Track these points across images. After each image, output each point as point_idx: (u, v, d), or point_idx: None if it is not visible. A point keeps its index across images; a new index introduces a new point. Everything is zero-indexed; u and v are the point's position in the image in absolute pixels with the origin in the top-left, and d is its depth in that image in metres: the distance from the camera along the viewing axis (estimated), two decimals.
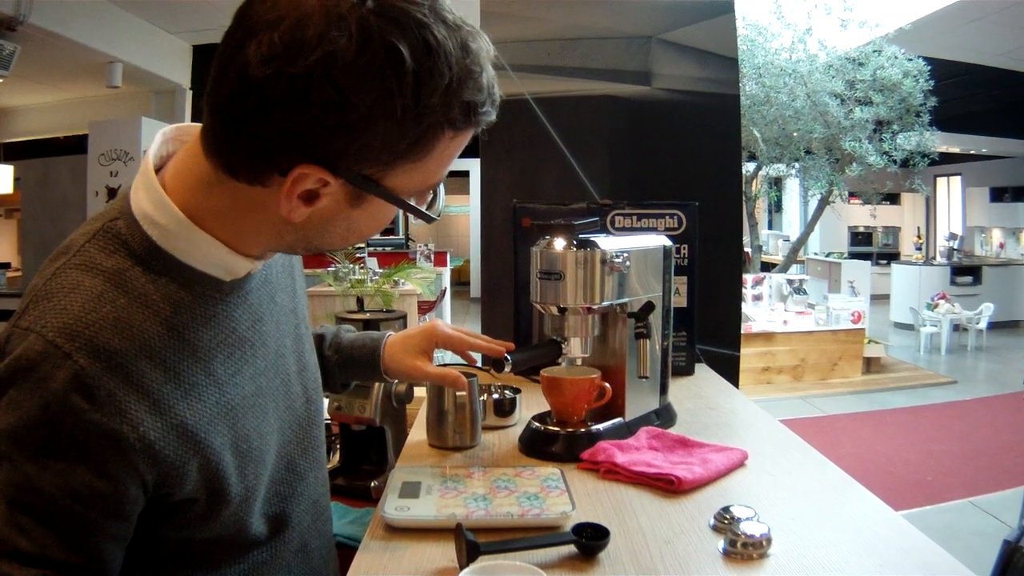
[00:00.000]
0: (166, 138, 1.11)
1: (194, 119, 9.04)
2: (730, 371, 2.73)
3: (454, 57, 0.91)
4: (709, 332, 2.72)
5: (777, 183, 14.98)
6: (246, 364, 1.14)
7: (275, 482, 1.22)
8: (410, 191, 1.01)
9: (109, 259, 1.02)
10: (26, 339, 0.95)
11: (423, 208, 1.05)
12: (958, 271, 14.82)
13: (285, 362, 1.26)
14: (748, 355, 9.30)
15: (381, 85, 0.87)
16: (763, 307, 10.90)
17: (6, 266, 13.02)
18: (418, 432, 1.90)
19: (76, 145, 10.54)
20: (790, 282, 11.26)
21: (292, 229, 1.03)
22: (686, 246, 2.41)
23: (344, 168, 0.94)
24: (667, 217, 2.42)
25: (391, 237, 16.10)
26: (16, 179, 11.98)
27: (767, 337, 10.04)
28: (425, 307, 9.79)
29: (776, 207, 19.39)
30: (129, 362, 0.97)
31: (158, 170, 1.07)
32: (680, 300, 2.41)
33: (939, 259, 16.13)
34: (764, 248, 16.03)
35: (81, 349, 0.94)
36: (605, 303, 1.73)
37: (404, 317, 2.15)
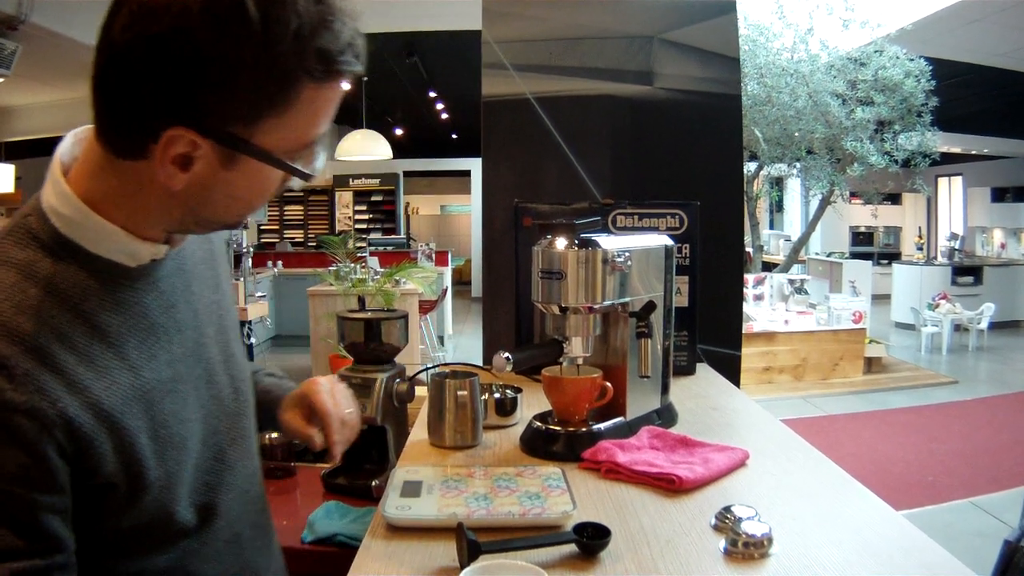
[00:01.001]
0: (77, 139, 1.13)
1: None
2: (731, 371, 2.73)
3: (301, 5, 0.93)
4: (710, 332, 2.71)
5: (778, 183, 14.96)
6: (161, 350, 1.14)
7: (202, 471, 1.21)
8: (284, 149, 1.01)
9: (21, 252, 1.04)
10: None
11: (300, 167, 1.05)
12: (959, 271, 14.83)
13: (207, 352, 1.25)
14: (749, 355, 9.30)
15: (229, 36, 0.90)
16: (764, 307, 10.90)
17: None
18: (419, 431, 1.90)
19: None
20: (791, 282, 11.26)
21: (177, 202, 1.04)
22: (687, 246, 2.41)
23: (210, 128, 0.95)
24: (668, 217, 2.42)
25: (393, 237, 16.10)
26: (18, 178, 12.01)
27: (768, 337, 10.05)
28: (426, 306, 9.79)
29: (777, 207, 19.39)
30: (43, 345, 0.99)
31: (69, 169, 1.09)
32: (681, 300, 2.41)
33: (940, 259, 16.13)
34: (765, 248, 16.05)
35: None
36: (606, 302, 1.73)
37: (405, 316, 2.14)
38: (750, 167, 11.99)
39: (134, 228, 1.07)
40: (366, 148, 12.08)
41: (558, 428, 1.75)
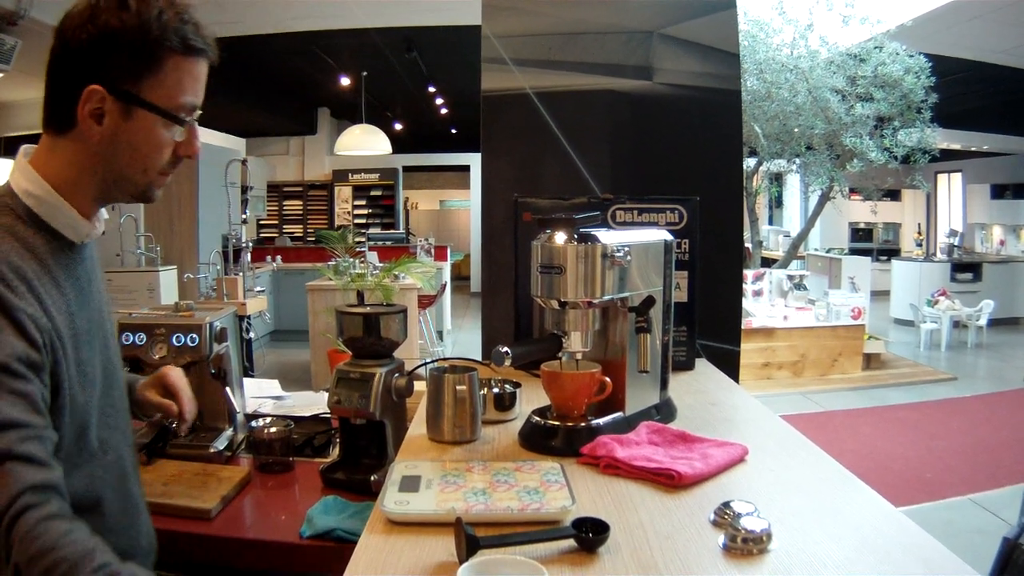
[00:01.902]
0: (27, 149, 1.48)
1: None
2: (730, 366, 2.73)
3: (163, 2, 1.37)
4: (709, 327, 2.72)
5: (778, 179, 14.95)
6: (83, 308, 1.46)
7: (102, 412, 1.48)
8: (163, 107, 1.40)
9: (3, 218, 1.38)
10: None
11: (179, 132, 1.44)
12: (958, 268, 14.83)
13: (105, 324, 1.57)
14: (748, 350, 9.30)
15: (118, 19, 1.33)
16: (763, 303, 10.90)
17: None
18: (418, 426, 1.90)
19: None
20: (790, 278, 11.26)
21: (99, 159, 1.41)
22: (687, 241, 2.41)
23: (111, 85, 1.35)
24: (668, 212, 2.42)
25: (392, 232, 16.09)
26: None
27: (767, 333, 10.05)
28: (425, 301, 9.79)
29: (777, 203, 19.40)
30: (29, 277, 1.32)
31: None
32: (681, 295, 2.41)
33: (939, 256, 16.12)
34: (765, 244, 16.04)
35: (1, 263, 1.29)
36: (606, 297, 1.73)
37: (404, 311, 2.14)
38: (749, 163, 11.99)
39: (77, 204, 1.44)
40: (365, 143, 12.08)
41: (557, 423, 1.75)
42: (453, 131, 18.84)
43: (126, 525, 1.56)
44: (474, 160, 17.45)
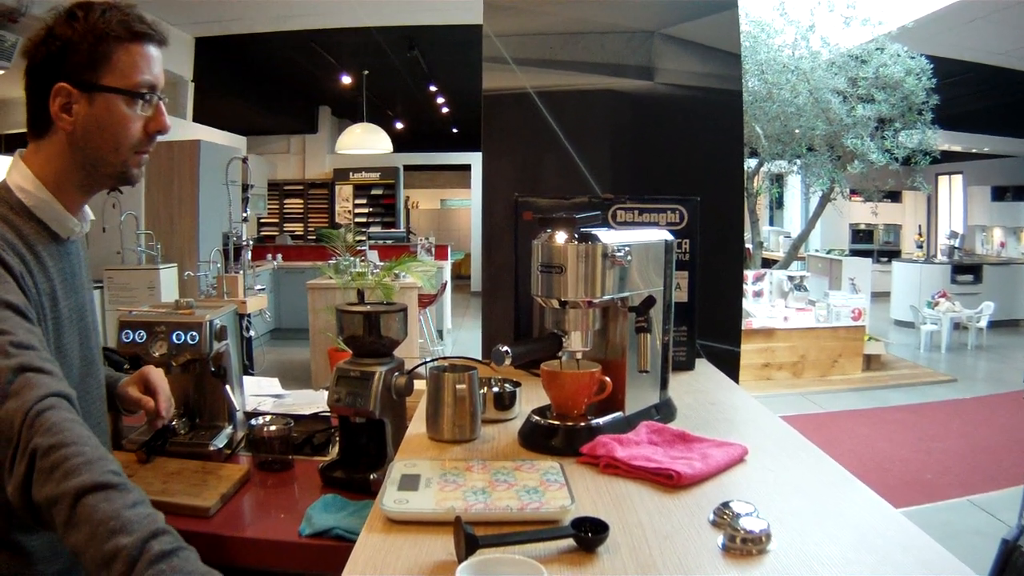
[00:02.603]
0: (19, 153, 1.65)
1: (196, 111, 8.98)
2: (730, 367, 2.73)
3: (105, 2, 1.57)
4: (710, 327, 2.71)
5: (779, 179, 14.95)
6: (67, 297, 1.63)
7: (78, 400, 1.45)
8: (118, 84, 1.57)
9: (1, 208, 1.55)
10: None
11: (141, 107, 1.61)
12: (959, 269, 14.82)
13: (85, 320, 1.72)
14: (748, 351, 9.30)
15: (69, 24, 1.54)
16: (764, 303, 10.90)
17: None
18: (417, 425, 1.90)
19: None
20: (791, 279, 11.26)
21: (75, 147, 1.58)
22: (687, 241, 2.41)
23: (74, 79, 1.54)
24: (669, 212, 2.42)
25: (392, 230, 16.09)
26: None
27: (767, 333, 10.05)
28: (426, 300, 9.79)
29: (777, 203, 19.40)
30: (17, 249, 1.50)
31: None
32: (681, 295, 2.41)
33: (940, 257, 16.11)
34: (765, 244, 16.04)
35: None
36: (606, 297, 1.73)
37: (405, 310, 2.14)
38: (750, 163, 12.00)
39: (63, 198, 1.62)
40: (366, 142, 12.09)
41: (557, 422, 1.75)
42: (454, 130, 18.86)
43: None
44: (475, 159, 17.44)
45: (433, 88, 13.69)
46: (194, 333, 2.34)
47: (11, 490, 1.23)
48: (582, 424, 1.73)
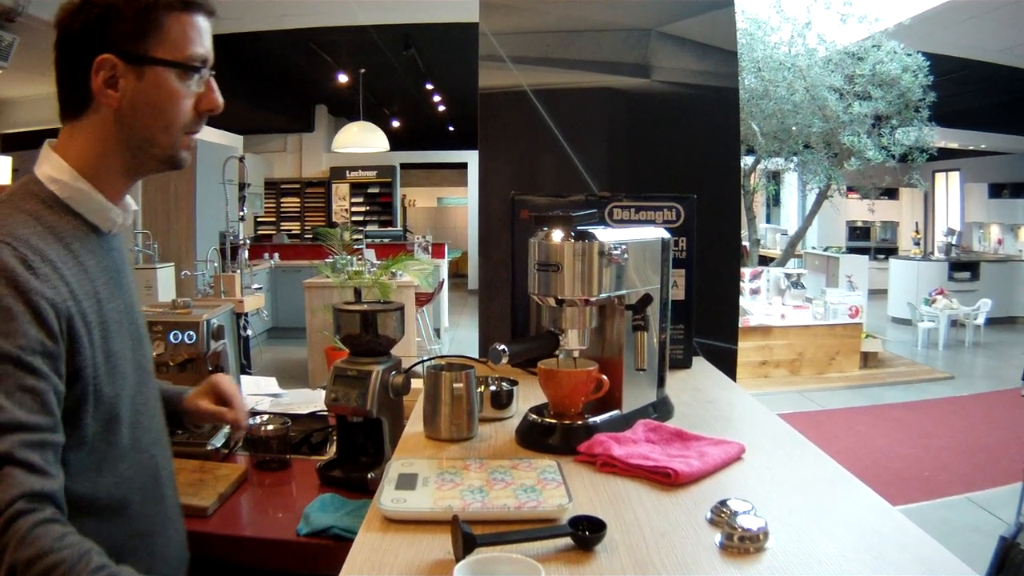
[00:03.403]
0: (50, 144, 1.48)
1: None
2: (727, 364, 2.73)
3: None
4: (707, 325, 2.71)
5: (775, 177, 15.00)
6: (114, 296, 1.46)
7: (133, 407, 1.47)
8: (170, 57, 1.41)
9: (27, 204, 1.38)
10: None
11: (194, 83, 1.46)
12: (956, 267, 14.85)
13: (137, 320, 1.56)
14: (745, 349, 9.31)
15: None
16: (761, 301, 10.91)
17: None
18: (415, 424, 1.90)
19: None
20: (788, 276, 11.28)
21: (121, 126, 1.42)
22: (684, 239, 2.41)
23: (119, 49, 1.37)
24: (665, 210, 2.41)
25: (389, 229, 16.08)
26: (15, 170, 11.96)
27: (765, 331, 10.06)
28: (423, 299, 9.79)
29: (774, 201, 19.42)
30: (52, 259, 1.31)
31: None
32: (678, 293, 2.41)
33: (937, 254, 16.13)
34: (762, 242, 16.07)
35: (16, 240, 1.28)
36: (603, 295, 1.73)
37: (402, 308, 2.14)
38: (747, 161, 12.00)
39: (103, 186, 1.45)
40: (363, 140, 12.08)
41: (554, 421, 1.74)
42: (451, 128, 18.84)
43: (154, 533, 1.53)
44: (472, 157, 17.42)
45: (430, 86, 13.67)
46: (191, 332, 2.34)
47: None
48: (579, 423, 1.73)
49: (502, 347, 1.63)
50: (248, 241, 7.14)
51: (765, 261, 14.14)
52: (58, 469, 1.22)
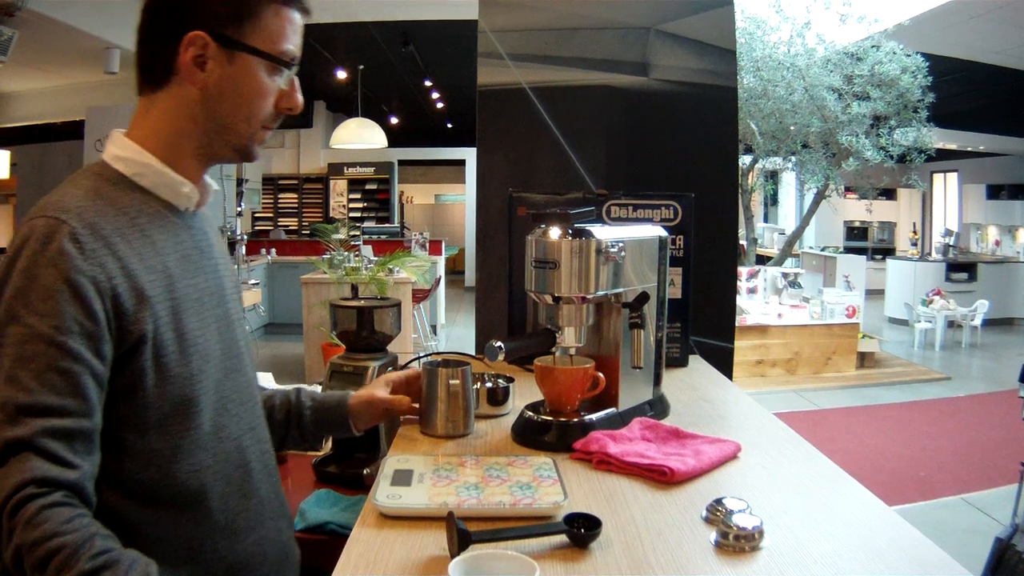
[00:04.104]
0: (119, 131, 1.46)
1: None
2: (724, 363, 2.73)
3: None
4: (703, 324, 2.71)
5: (773, 176, 14.99)
6: (191, 275, 1.42)
7: (219, 393, 1.44)
8: (264, 48, 1.39)
9: (88, 182, 1.36)
10: (34, 223, 1.27)
11: (282, 80, 1.44)
12: (953, 267, 14.86)
13: (227, 303, 1.53)
14: (742, 348, 9.32)
15: None
16: (758, 300, 10.93)
17: (3, 251, 12.99)
18: (411, 420, 1.90)
19: (73, 131, 10.53)
20: (785, 275, 11.29)
21: (201, 107, 1.39)
22: (682, 237, 2.41)
23: (213, 29, 1.34)
24: (663, 208, 2.41)
25: (387, 225, 16.08)
26: (13, 164, 11.99)
27: (761, 330, 10.07)
28: (420, 295, 9.79)
29: (772, 200, 19.44)
30: (107, 234, 1.28)
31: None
32: (675, 291, 2.41)
33: (935, 255, 16.16)
34: (759, 241, 16.07)
35: (73, 219, 1.26)
36: (599, 293, 1.72)
37: (398, 305, 2.14)
38: (745, 160, 12.02)
39: (174, 164, 1.41)
40: (361, 136, 12.06)
41: (550, 418, 1.74)
42: (449, 125, 18.85)
43: (239, 530, 1.47)
44: (470, 155, 17.43)
45: (428, 83, 13.67)
46: None
47: (5, 558, 1.17)
48: (575, 420, 1.73)
49: (499, 344, 1.63)
50: (245, 237, 7.14)
51: (762, 260, 14.15)
52: (86, 457, 1.21)
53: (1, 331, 1.21)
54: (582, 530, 1.23)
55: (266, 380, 3.15)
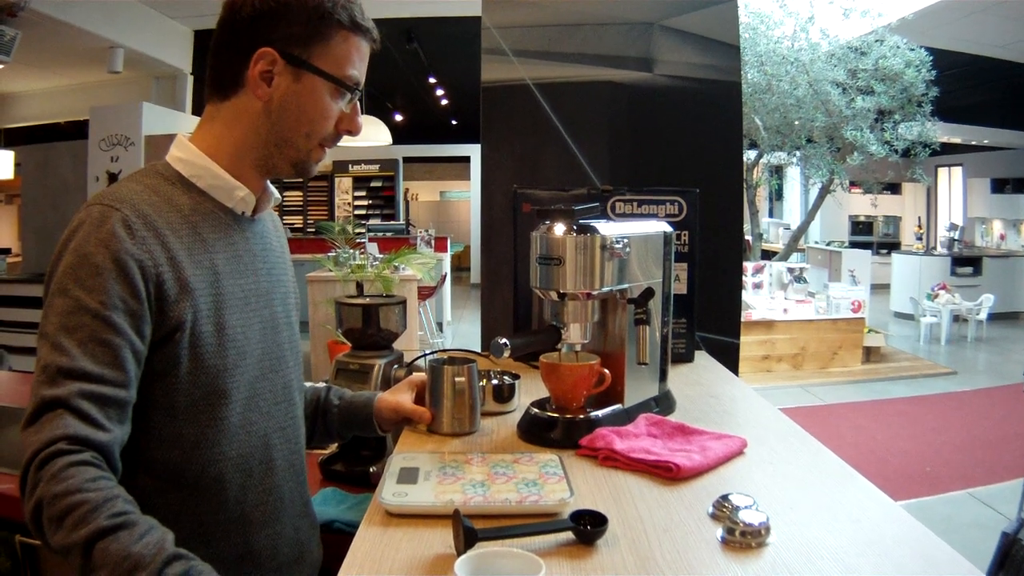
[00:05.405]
0: (183, 135, 1.53)
1: (195, 104, 8.99)
2: (730, 359, 2.73)
3: None
4: (709, 319, 2.71)
5: (778, 171, 14.96)
6: (240, 276, 1.50)
7: (254, 391, 1.50)
8: (330, 71, 1.46)
9: (147, 179, 1.44)
10: (90, 209, 1.34)
11: (342, 102, 1.52)
12: (958, 262, 14.82)
13: (274, 307, 1.59)
14: (748, 343, 9.31)
15: None
16: (763, 295, 10.91)
17: (7, 252, 13.01)
18: None
19: (77, 131, 10.52)
20: (790, 270, 11.26)
21: (264, 120, 1.46)
22: (687, 233, 2.41)
23: (282, 48, 1.42)
24: (668, 203, 2.41)
25: (392, 223, 16.08)
26: (17, 165, 11.96)
27: (767, 325, 10.05)
28: (425, 292, 9.79)
29: (777, 195, 19.39)
30: (158, 225, 1.36)
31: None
32: (680, 287, 2.41)
33: (940, 249, 16.12)
34: (765, 236, 16.04)
35: (127, 207, 1.34)
36: (605, 289, 1.72)
37: (404, 302, 2.14)
38: (750, 155, 11.99)
39: (234, 171, 1.49)
40: (365, 134, 11.97)
41: (556, 415, 1.74)
42: (453, 122, 18.83)
43: (259, 521, 1.53)
44: (474, 151, 17.43)
45: (432, 80, 13.65)
46: None
47: (24, 511, 1.21)
48: (581, 417, 1.73)
49: (504, 341, 1.63)
50: None
51: (768, 255, 14.12)
52: (118, 425, 1.28)
53: (50, 302, 1.30)
54: (588, 527, 1.23)
55: None
